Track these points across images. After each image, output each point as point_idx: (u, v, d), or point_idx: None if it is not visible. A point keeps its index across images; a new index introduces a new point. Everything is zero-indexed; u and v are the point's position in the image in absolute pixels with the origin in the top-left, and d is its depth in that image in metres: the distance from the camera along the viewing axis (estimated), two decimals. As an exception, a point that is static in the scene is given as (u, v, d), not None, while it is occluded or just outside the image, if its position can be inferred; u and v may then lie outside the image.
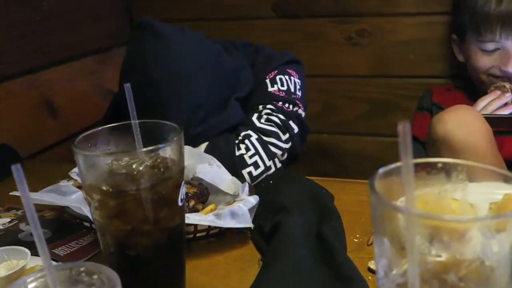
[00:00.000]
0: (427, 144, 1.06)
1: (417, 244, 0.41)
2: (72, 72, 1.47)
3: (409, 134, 0.38)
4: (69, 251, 0.82)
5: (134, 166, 0.60)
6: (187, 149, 0.95)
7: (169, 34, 1.05)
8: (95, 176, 0.58)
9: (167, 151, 0.60)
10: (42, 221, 0.92)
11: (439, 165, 0.47)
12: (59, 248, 0.83)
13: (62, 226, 0.90)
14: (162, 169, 0.60)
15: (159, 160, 0.60)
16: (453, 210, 0.48)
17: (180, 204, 0.61)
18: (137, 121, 0.63)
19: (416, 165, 0.46)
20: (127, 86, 0.62)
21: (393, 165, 0.43)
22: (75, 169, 0.89)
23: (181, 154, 0.61)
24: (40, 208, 0.93)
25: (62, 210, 0.90)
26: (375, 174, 0.43)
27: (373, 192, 0.41)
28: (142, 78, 1.04)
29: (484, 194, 0.49)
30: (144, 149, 0.59)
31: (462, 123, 0.98)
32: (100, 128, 0.63)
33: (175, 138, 0.60)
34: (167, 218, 0.60)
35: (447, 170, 0.47)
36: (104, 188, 0.57)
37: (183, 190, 0.61)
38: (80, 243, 0.85)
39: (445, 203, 0.49)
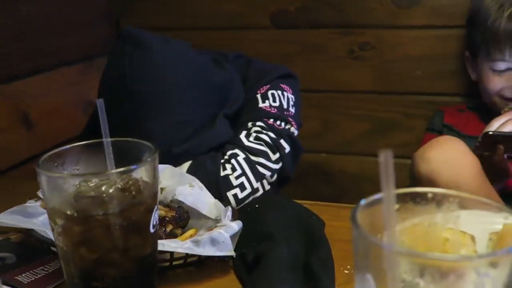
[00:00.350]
0: (410, 180, 1.03)
1: (403, 280, 0.41)
2: (49, 82, 1.47)
3: (391, 164, 0.38)
4: (33, 278, 0.81)
5: (103, 188, 0.60)
6: (168, 169, 0.96)
7: (152, 44, 1.06)
8: (60, 199, 0.58)
9: (140, 173, 0.60)
10: (6, 245, 0.92)
11: (429, 195, 0.47)
12: (23, 275, 0.83)
13: (28, 250, 0.89)
14: (133, 192, 0.59)
15: (130, 183, 0.60)
16: (446, 243, 0.48)
17: (152, 231, 0.61)
18: (109, 139, 0.63)
19: (404, 195, 0.47)
20: (99, 101, 0.63)
21: (376, 196, 0.43)
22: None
23: (155, 177, 0.61)
24: (5, 230, 0.92)
25: (29, 233, 0.89)
26: (357, 206, 0.43)
27: (355, 225, 0.42)
28: (121, 91, 1.04)
29: (481, 223, 0.48)
30: (114, 170, 0.59)
31: (448, 160, 0.94)
32: (67, 146, 0.63)
33: (148, 159, 0.60)
34: (137, 246, 0.59)
35: (437, 201, 0.47)
36: (68, 212, 0.57)
37: (155, 215, 0.61)
38: (46, 269, 0.84)
39: (436, 236, 0.48)
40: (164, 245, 0.75)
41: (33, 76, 1.43)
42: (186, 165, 1.07)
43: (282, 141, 1.14)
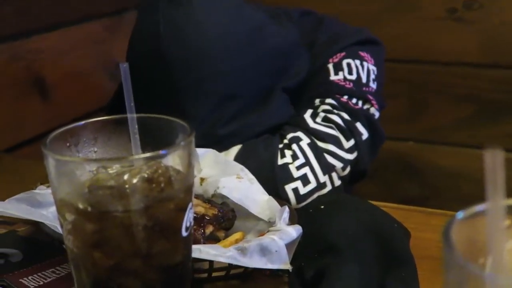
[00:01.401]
0: None
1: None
2: (69, 40, 1.50)
3: (501, 165, 0.37)
4: (41, 283, 0.83)
5: (125, 177, 0.59)
6: (210, 154, 0.97)
7: None
8: (70, 189, 0.58)
9: (172, 159, 0.59)
10: (12, 239, 0.94)
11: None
12: (30, 277, 0.84)
13: (36, 247, 0.91)
14: (162, 184, 0.59)
15: (159, 172, 0.59)
16: None
17: (184, 234, 0.60)
18: (135, 115, 0.63)
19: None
20: (123, 66, 0.63)
21: (478, 207, 0.41)
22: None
23: (190, 165, 0.60)
24: (12, 220, 0.94)
25: (39, 226, 0.90)
26: (452, 220, 0.42)
27: (447, 245, 0.41)
28: (153, 56, 1.06)
29: None
30: (139, 156, 0.59)
31: None
32: (83, 122, 0.63)
33: (182, 143, 0.59)
34: (164, 252, 0.59)
35: None
36: (80, 206, 0.57)
37: (190, 214, 0.61)
38: (57, 272, 0.85)
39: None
40: (202, 251, 0.75)
41: (50, 32, 1.45)
42: (234, 150, 1.08)
43: (358, 125, 1.14)
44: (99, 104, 1.45)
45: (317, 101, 1.17)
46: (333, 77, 1.19)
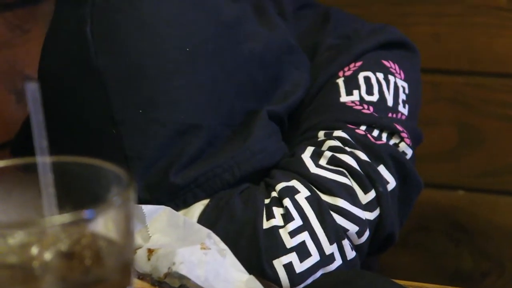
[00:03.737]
0: None
1: None
2: None
3: None
4: None
5: (34, 251, 0.60)
6: (164, 213, 0.98)
7: None
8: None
9: (101, 224, 0.60)
10: None
11: None
12: None
13: None
14: (87, 261, 0.59)
15: (84, 242, 0.60)
16: None
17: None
18: (47, 157, 0.63)
19: None
20: (31, 86, 0.63)
21: None
22: None
23: (128, 232, 0.61)
24: None
25: None
26: None
27: None
28: (77, 70, 1.07)
29: None
30: (55, 218, 0.59)
31: None
32: None
33: (117, 198, 0.60)
34: None
35: None
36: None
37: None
38: None
39: None
40: None
41: None
42: (198, 207, 1.08)
43: (381, 168, 1.14)
44: (1, 137, 1.46)
45: (321, 133, 1.17)
46: (344, 98, 1.20)
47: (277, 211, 1.08)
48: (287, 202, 1.08)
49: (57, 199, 0.62)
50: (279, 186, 1.10)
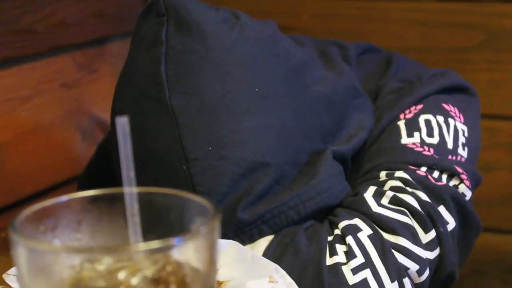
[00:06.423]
0: None
1: None
2: (28, 80, 1.50)
3: None
4: None
5: (120, 276, 0.60)
6: (232, 248, 0.98)
7: (208, 25, 1.09)
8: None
9: (186, 252, 0.61)
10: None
11: None
12: None
13: None
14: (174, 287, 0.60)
15: (169, 269, 0.61)
16: None
17: None
18: (134, 189, 0.64)
19: None
20: (121, 121, 0.65)
21: None
22: (14, 270, 0.92)
23: (212, 261, 0.62)
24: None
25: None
26: None
27: None
28: (152, 109, 1.08)
29: None
30: (141, 246, 0.60)
31: None
32: (64, 198, 0.64)
33: (202, 228, 0.61)
34: None
35: None
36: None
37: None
38: None
39: None
40: None
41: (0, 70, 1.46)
42: (264, 242, 1.08)
43: (442, 209, 1.13)
44: (68, 173, 1.46)
45: (382, 174, 1.17)
46: (405, 139, 1.20)
47: (340, 248, 1.08)
48: (349, 239, 1.08)
49: (143, 228, 0.63)
50: (342, 224, 1.10)
